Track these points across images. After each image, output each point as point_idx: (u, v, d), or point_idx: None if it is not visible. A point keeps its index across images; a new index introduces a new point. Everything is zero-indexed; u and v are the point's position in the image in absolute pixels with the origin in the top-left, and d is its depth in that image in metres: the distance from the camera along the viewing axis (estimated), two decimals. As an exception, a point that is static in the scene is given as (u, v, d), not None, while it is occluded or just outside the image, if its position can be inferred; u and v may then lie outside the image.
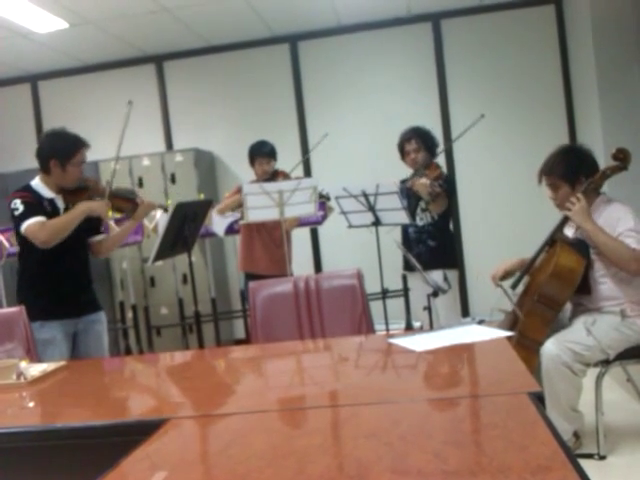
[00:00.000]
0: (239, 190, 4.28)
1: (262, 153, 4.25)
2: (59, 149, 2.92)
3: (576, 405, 2.84)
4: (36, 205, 2.87)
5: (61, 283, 2.96)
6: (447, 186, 3.68)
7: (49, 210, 2.93)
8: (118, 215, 4.56)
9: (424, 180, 3.56)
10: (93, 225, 3.13)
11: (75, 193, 3.02)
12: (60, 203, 2.99)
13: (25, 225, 2.82)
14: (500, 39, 5.68)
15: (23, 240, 2.92)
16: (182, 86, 6.21)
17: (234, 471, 1.20)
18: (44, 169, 2.96)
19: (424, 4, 5.51)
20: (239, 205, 4.13)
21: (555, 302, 2.89)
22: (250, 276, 4.27)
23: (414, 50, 5.81)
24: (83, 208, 2.94)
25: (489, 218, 5.71)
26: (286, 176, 4.27)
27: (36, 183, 2.97)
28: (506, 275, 3.10)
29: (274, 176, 4.24)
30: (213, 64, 6.14)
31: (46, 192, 2.96)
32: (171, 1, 4.83)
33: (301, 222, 4.81)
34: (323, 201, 4.40)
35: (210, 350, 3.91)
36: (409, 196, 3.81)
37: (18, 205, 2.84)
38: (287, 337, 2.57)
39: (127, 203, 3.19)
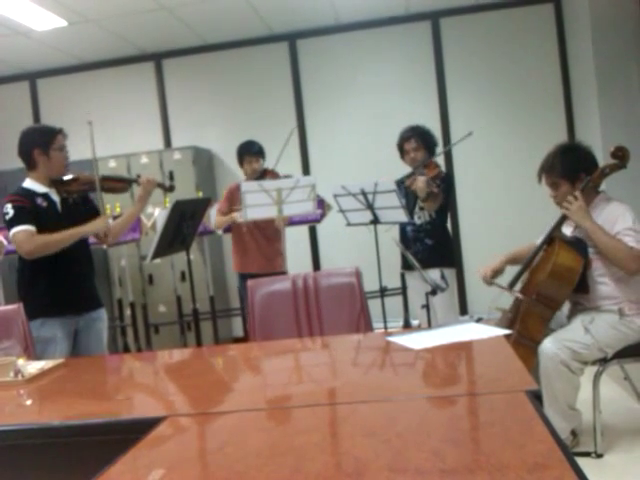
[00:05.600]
0: (230, 194, 4.32)
1: (251, 152, 4.29)
2: (38, 138, 2.98)
3: (574, 403, 2.85)
4: (26, 209, 2.86)
5: (62, 280, 2.96)
6: (444, 185, 3.68)
7: (44, 205, 2.93)
8: (117, 212, 4.58)
9: (422, 178, 3.57)
10: (90, 215, 3.13)
11: (67, 183, 3.03)
12: (54, 196, 2.99)
13: (12, 232, 2.84)
14: (499, 37, 5.68)
15: None
16: (181, 84, 6.21)
17: (232, 469, 1.20)
18: (30, 164, 2.98)
19: (423, 3, 5.51)
20: (233, 221, 4.24)
21: (553, 301, 2.90)
22: (244, 276, 4.28)
23: (413, 48, 5.81)
24: (81, 230, 2.95)
25: (487, 216, 5.71)
26: (275, 174, 4.28)
27: (28, 182, 2.99)
28: (495, 274, 3.12)
29: (263, 174, 4.26)
30: (212, 62, 6.13)
31: (39, 187, 2.96)
32: (170, -1, 4.83)
33: (300, 220, 4.82)
34: (321, 199, 4.41)
35: (208, 348, 3.91)
36: (407, 195, 3.81)
37: (9, 209, 2.85)
38: (285, 335, 2.57)
39: (119, 183, 3.24)
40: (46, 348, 2.84)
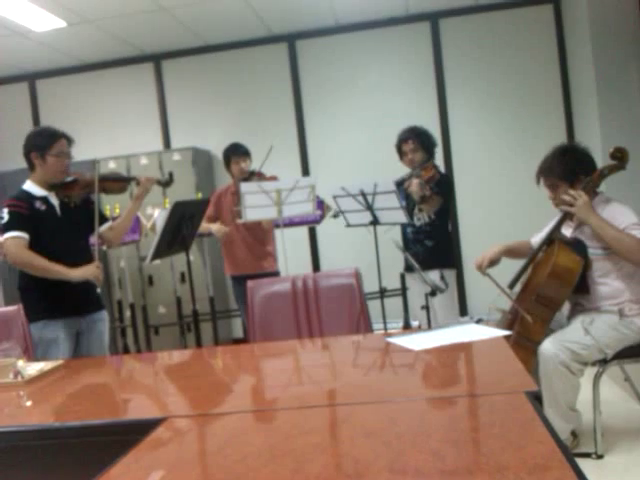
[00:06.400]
0: (217, 198, 4.35)
1: (238, 153, 4.31)
2: (37, 141, 2.97)
3: (574, 404, 2.85)
4: (23, 216, 2.87)
5: (64, 282, 2.95)
6: (439, 188, 3.67)
7: (43, 209, 2.93)
8: (116, 214, 4.58)
9: (416, 181, 3.57)
10: (91, 219, 3.12)
11: (65, 187, 3.03)
12: (54, 200, 2.99)
13: (4, 237, 2.86)
14: (498, 38, 5.68)
15: None
16: (180, 85, 6.21)
17: (231, 470, 1.20)
18: (29, 166, 2.99)
19: (422, 3, 5.51)
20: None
21: (553, 302, 2.90)
22: (237, 278, 4.29)
23: (412, 49, 5.81)
24: (71, 275, 2.88)
25: (487, 217, 5.71)
26: (262, 175, 4.29)
27: (27, 185, 2.99)
28: (491, 264, 3.10)
29: (251, 176, 4.26)
30: (211, 63, 6.13)
31: (38, 191, 2.97)
32: (169, 0, 4.82)
33: (299, 221, 4.82)
34: (321, 200, 4.41)
35: (208, 349, 3.91)
36: (407, 196, 3.81)
37: (4, 214, 2.87)
38: (285, 336, 2.57)
39: (118, 184, 3.23)
40: (49, 349, 2.85)
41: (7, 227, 2.85)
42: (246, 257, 4.32)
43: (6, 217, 2.85)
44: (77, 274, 2.90)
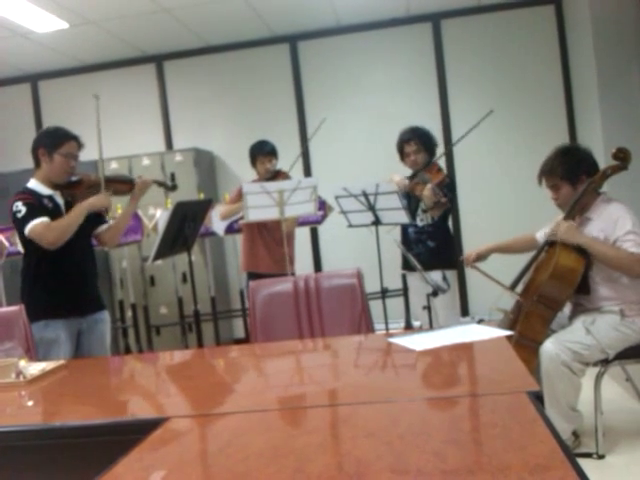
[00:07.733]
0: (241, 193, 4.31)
1: (264, 152, 4.27)
2: (46, 138, 2.98)
3: (575, 404, 2.85)
4: (37, 205, 2.87)
5: (66, 282, 2.96)
6: (451, 194, 3.68)
7: (50, 206, 2.94)
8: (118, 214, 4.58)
9: (429, 186, 3.55)
10: (96, 217, 3.13)
11: (71, 187, 3.04)
12: (59, 199, 3.00)
13: (29, 227, 2.82)
14: (500, 39, 5.68)
15: (27, 240, 2.91)
16: (182, 86, 6.22)
17: (233, 470, 1.20)
18: (36, 162, 2.99)
19: (423, 4, 5.51)
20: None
21: (555, 302, 2.90)
22: (253, 275, 4.28)
23: (414, 50, 5.81)
24: (85, 205, 2.96)
25: (489, 218, 5.71)
26: (287, 177, 4.28)
27: (32, 183, 2.99)
28: (478, 258, 3.28)
29: (276, 176, 4.25)
30: (213, 64, 6.14)
31: (43, 189, 2.96)
32: (171, 1, 4.83)
33: (301, 221, 4.82)
34: (323, 201, 4.40)
35: (209, 349, 3.91)
36: (409, 196, 3.80)
37: (20, 207, 2.84)
38: (287, 336, 2.57)
39: (124, 185, 3.24)
40: (50, 350, 2.85)
41: (27, 218, 2.82)
42: (265, 257, 4.30)
43: (23, 209, 2.83)
44: (93, 201, 2.98)
